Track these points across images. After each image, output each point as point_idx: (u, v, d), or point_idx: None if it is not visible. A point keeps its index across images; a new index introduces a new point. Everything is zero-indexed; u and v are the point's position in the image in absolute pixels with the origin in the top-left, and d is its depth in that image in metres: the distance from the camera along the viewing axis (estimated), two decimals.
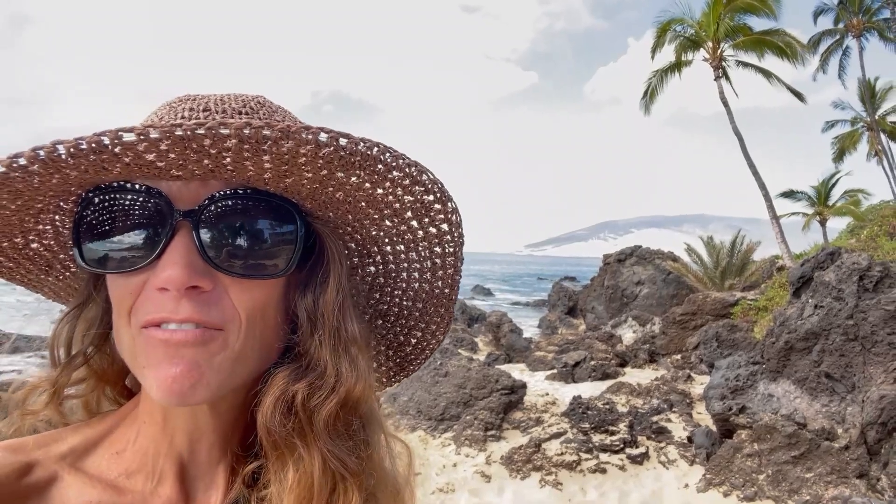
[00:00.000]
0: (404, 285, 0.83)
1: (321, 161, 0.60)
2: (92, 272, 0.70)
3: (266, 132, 0.56)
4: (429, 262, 0.79)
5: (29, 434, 0.71)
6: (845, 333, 6.37)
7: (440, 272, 0.80)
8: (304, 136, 0.57)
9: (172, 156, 0.57)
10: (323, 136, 0.58)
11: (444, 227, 0.74)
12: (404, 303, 0.86)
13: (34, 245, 0.75)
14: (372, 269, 0.82)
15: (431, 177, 0.68)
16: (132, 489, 0.69)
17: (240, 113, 0.69)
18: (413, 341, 0.90)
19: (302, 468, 0.68)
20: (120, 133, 0.54)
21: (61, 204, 0.69)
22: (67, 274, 0.80)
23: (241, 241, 0.65)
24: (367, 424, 0.75)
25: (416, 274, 0.81)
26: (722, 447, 6.95)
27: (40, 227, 0.72)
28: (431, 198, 0.70)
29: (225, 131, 0.55)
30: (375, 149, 0.62)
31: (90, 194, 0.65)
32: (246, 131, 0.55)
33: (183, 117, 0.67)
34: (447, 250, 0.77)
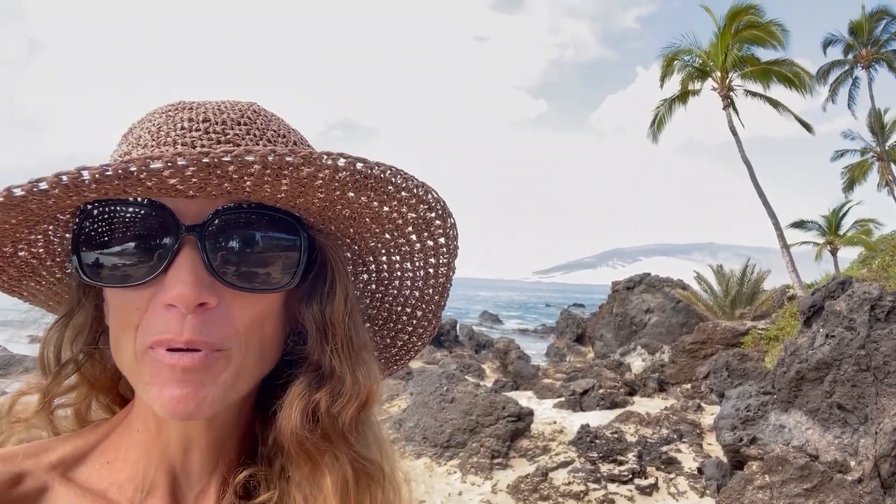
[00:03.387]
0: (395, 292, 0.85)
1: (336, 184, 0.62)
2: (94, 285, 0.69)
3: (289, 159, 0.57)
4: (422, 272, 0.81)
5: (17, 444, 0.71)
6: (857, 364, 6.29)
7: (432, 280, 0.82)
8: (324, 161, 0.59)
9: (195, 180, 0.57)
10: (342, 161, 0.60)
11: (442, 240, 0.76)
12: (395, 308, 0.87)
13: (22, 253, 0.74)
14: (364, 276, 0.84)
15: (436, 195, 0.70)
16: (123, 499, 0.69)
17: (238, 123, 0.69)
18: (399, 344, 0.92)
19: (336, 471, 0.70)
20: (148, 161, 0.54)
21: (58, 215, 0.68)
22: (52, 280, 0.79)
23: (246, 256, 0.66)
24: (375, 422, 0.78)
25: (409, 282, 0.83)
26: (733, 479, 6.82)
27: (32, 236, 0.71)
28: (433, 214, 0.72)
29: (250, 158, 0.56)
30: (388, 171, 0.63)
31: (89, 206, 0.64)
32: (270, 158, 0.56)
33: (183, 128, 0.67)
34: (441, 261, 0.79)
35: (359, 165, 0.61)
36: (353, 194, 0.64)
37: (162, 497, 0.70)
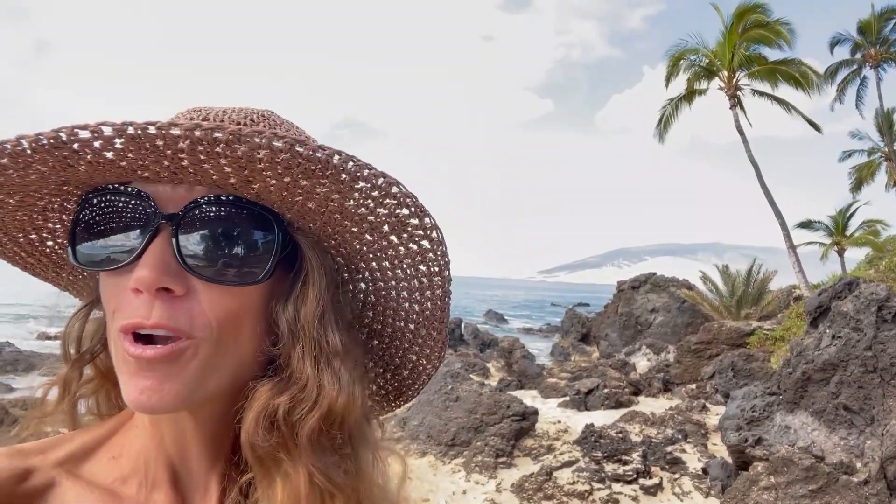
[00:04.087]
0: (395, 304, 0.82)
1: (280, 167, 0.60)
2: (81, 268, 0.72)
3: (217, 134, 0.56)
4: (415, 282, 0.77)
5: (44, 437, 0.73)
6: (864, 365, 6.26)
7: (428, 292, 0.78)
8: (256, 140, 0.57)
9: (131, 155, 0.57)
10: (277, 143, 0.58)
11: (425, 244, 0.72)
12: (397, 323, 0.84)
13: (49, 243, 0.79)
14: (362, 285, 0.81)
15: (403, 189, 0.66)
16: (128, 495, 0.69)
17: (237, 123, 0.69)
18: (410, 365, 0.88)
19: (289, 484, 0.67)
20: (75, 129, 0.55)
21: (66, 204, 0.72)
22: (85, 273, 0.83)
23: (218, 247, 0.66)
24: (354, 438, 0.73)
25: (406, 293, 0.80)
26: (737, 479, 6.80)
27: (50, 225, 0.75)
28: (406, 211, 0.68)
29: (175, 132, 0.55)
30: (336, 157, 0.61)
31: (89, 195, 0.67)
32: (196, 133, 0.55)
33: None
34: (432, 269, 0.75)
35: (299, 148, 0.59)
36: (305, 182, 0.62)
37: (166, 492, 0.70)
